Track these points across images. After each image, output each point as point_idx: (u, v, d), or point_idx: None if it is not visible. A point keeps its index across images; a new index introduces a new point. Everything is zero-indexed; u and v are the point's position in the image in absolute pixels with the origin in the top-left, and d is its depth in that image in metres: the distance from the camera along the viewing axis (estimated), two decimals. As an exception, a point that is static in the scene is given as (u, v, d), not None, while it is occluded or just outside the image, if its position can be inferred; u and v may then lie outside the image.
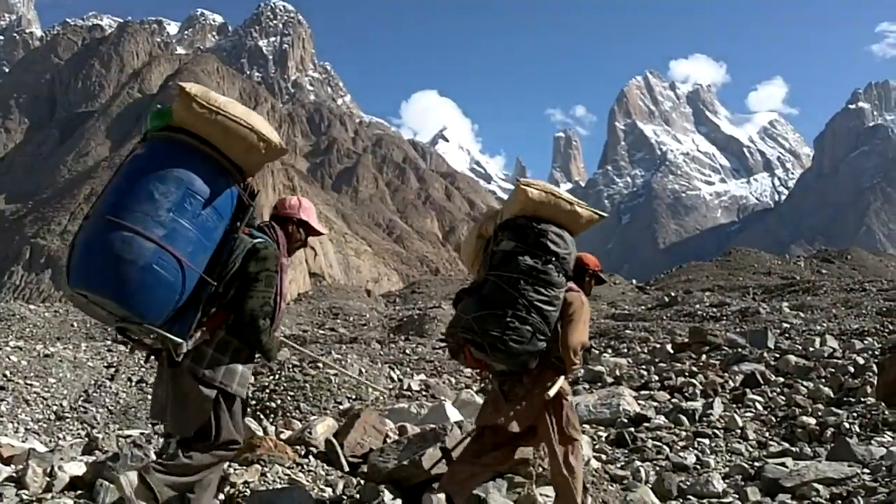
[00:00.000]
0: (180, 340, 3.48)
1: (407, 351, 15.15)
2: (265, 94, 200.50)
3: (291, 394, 9.71)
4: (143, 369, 11.98)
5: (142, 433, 6.99)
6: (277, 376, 10.47)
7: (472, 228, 4.80)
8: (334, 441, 5.61)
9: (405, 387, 10.46)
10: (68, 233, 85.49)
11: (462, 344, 4.37)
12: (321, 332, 20.50)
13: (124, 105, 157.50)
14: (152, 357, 3.77)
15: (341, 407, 9.10)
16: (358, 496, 4.76)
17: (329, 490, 4.92)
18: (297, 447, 5.58)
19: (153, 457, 5.10)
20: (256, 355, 3.88)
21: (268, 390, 9.93)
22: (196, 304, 3.50)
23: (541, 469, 5.40)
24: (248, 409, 9.36)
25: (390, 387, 10.62)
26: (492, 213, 4.73)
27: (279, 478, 4.95)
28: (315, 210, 4.22)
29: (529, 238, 4.29)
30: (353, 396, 9.78)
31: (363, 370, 10.80)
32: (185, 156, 3.52)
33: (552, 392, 4.26)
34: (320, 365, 10.63)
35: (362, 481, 5.06)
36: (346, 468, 5.40)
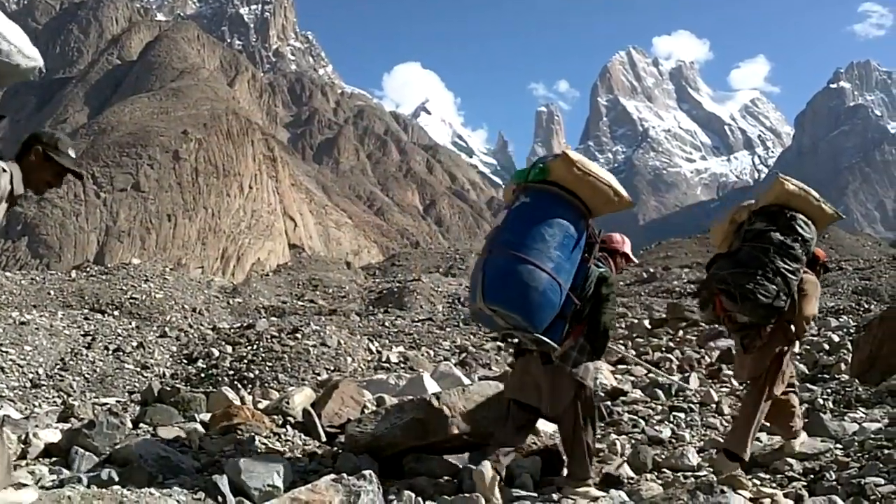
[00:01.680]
0: (556, 346, 4.53)
1: (386, 323, 15.15)
2: (246, 62, 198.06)
3: (270, 364, 9.69)
4: (119, 338, 11.91)
5: (118, 401, 6.98)
6: (256, 347, 10.45)
7: (725, 214, 5.70)
8: (312, 411, 5.60)
9: (384, 359, 10.47)
10: (46, 200, 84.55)
11: (715, 294, 5.24)
12: (300, 303, 20.47)
13: (103, 71, 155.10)
14: (519, 356, 4.94)
15: (319, 378, 9.09)
16: (335, 466, 4.77)
17: (306, 460, 4.92)
18: (275, 417, 5.57)
19: (129, 425, 5.08)
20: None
21: (246, 360, 9.91)
22: (564, 318, 4.54)
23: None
24: (226, 379, 9.37)
25: (369, 359, 10.62)
26: (744, 203, 5.61)
27: (256, 447, 4.94)
28: (628, 244, 5.26)
29: (780, 221, 5.15)
30: (332, 368, 9.78)
31: (342, 342, 10.77)
32: (564, 206, 4.62)
33: (796, 349, 5.30)
34: (299, 336, 10.61)
35: (339, 451, 5.06)
36: (324, 438, 5.40)
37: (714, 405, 7.35)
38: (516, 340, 4.80)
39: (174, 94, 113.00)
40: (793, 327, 5.17)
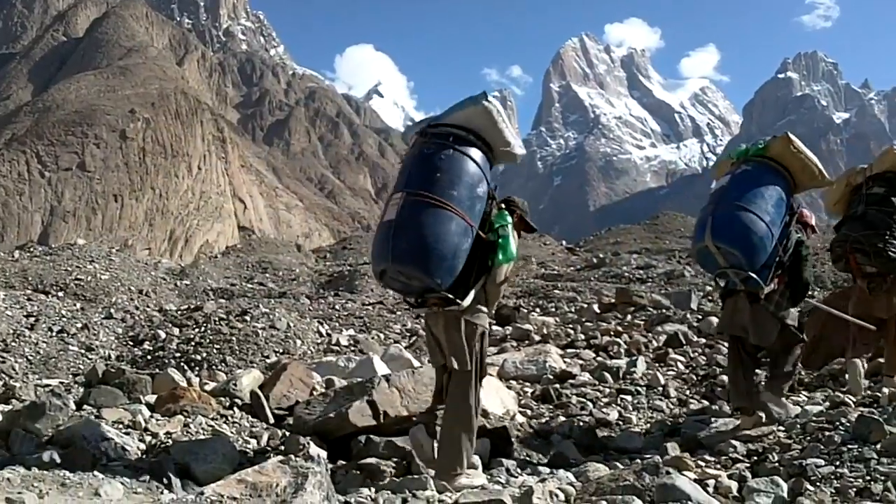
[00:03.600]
0: (763, 286, 5.42)
1: (336, 306, 15.06)
2: (195, 41, 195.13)
3: (217, 347, 9.57)
4: (63, 319, 11.68)
5: (61, 383, 6.83)
6: (203, 329, 10.31)
7: (840, 178, 6.70)
8: (259, 393, 5.56)
9: (333, 342, 10.41)
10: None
11: (849, 252, 6.34)
12: (249, 286, 20.25)
13: (48, 48, 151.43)
14: (727, 297, 5.82)
15: (268, 361, 9.02)
16: (282, 448, 4.73)
17: (253, 441, 4.88)
18: (222, 399, 5.51)
19: (73, 407, 4.98)
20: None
21: (193, 343, 9.78)
22: (769, 267, 5.42)
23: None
24: (173, 361, 9.24)
25: (318, 342, 10.55)
26: (858, 168, 6.66)
27: (202, 429, 4.88)
28: (813, 218, 6.13)
29: None
30: (281, 350, 9.70)
31: (291, 325, 10.69)
32: (778, 176, 5.56)
33: None
34: (247, 318, 10.51)
35: (287, 433, 5.03)
36: (272, 420, 5.36)
37: (661, 388, 7.44)
38: (723, 283, 5.74)
39: (121, 73, 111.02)
40: None
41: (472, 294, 4.38)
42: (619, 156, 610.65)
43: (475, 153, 4.42)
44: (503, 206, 4.65)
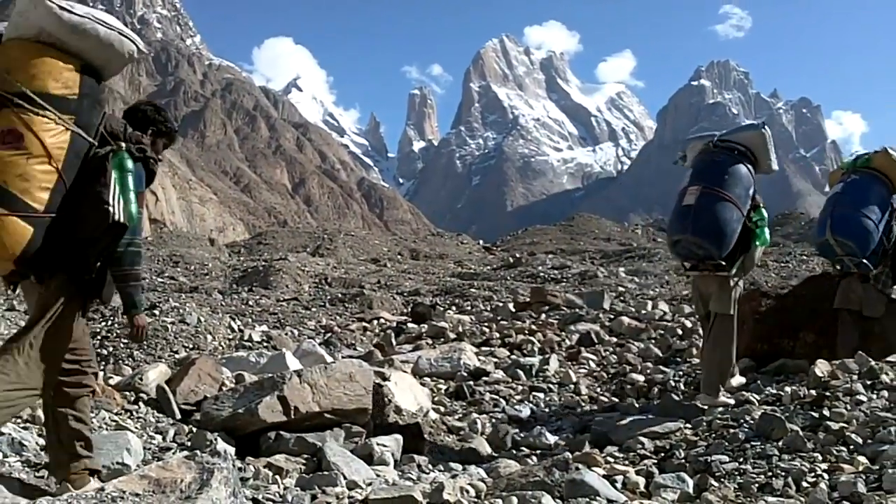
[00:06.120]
0: (872, 269, 6.62)
1: (250, 302, 14.81)
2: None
3: (125, 341, 9.30)
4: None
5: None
6: (110, 323, 10.01)
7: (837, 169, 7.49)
8: (166, 388, 5.41)
9: (246, 337, 10.23)
10: None
11: None
12: (160, 280, 19.75)
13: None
14: (843, 278, 6.85)
15: (178, 356, 8.80)
16: (189, 444, 4.62)
17: (159, 437, 4.74)
18: (127, 394, 5.35)
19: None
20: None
21: (99, 337, 9.48)
22: (876, 254, 6.62)
23: (378, 419, 5.42)
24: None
25: (230, 337, 10.36)
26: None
27: (106, 424, 4.73)
28: None
29: None
30: (191, 346, 9.48)
31: (202, 319, 10.46)
32: (882, 184, 6.70)
33: None
34: (156, 312, 10.25)
35: (195, 429, 4.91)
36: (178, 416, 5.23)
37: (572, 385, 7.54)
38: (839, 267, 6.86)
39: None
40: None
41: (736, 264, 6.12)
42: (536, 157, 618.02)
43: (749, 164, 6.15)
44: (760, 203, 6.29)
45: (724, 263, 6.04)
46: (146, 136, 3.83)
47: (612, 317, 10.90)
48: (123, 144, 3.58)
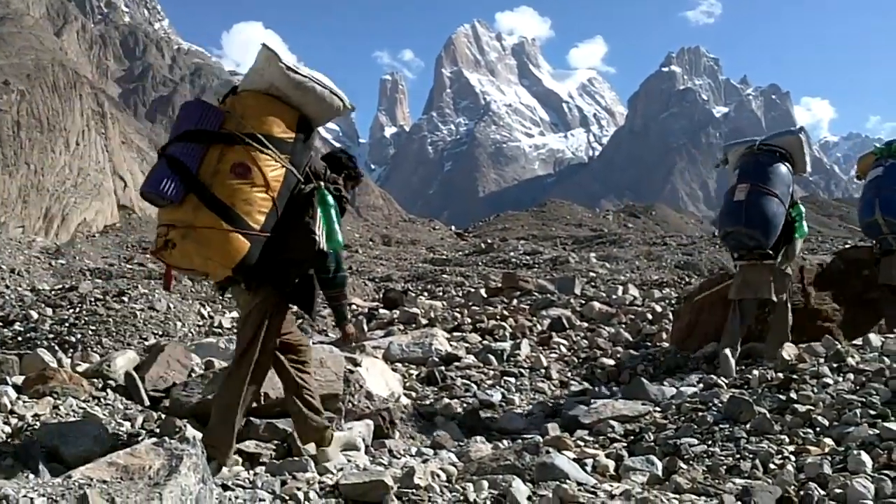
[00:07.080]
0: None
1: (220, 288, 14.71)
2: (75, 11, 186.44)
3: (93, 328, 9.19)
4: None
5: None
6: (79, 310, 9.90)
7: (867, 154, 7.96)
8: (134, 374, 5.35)
9: (216, 324, 10.17)
10: None
11: None
12: (129, 266, 19.59)
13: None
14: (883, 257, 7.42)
15: (147, 343, 8.73)
16: (157, 431, 4.58)
17: (127, 424, 4.69)
18: (95, 380, 5.28)
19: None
20: None
21: (68, 324, 9.37)
22: None
23: (350, 405, 5.41)
24: (46, 343, 8.85)
25: (200, 324, 10.29)
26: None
27: (73, 411, 4.67)
28: None
29: None
30: (160, 332, 9.40)
31: (172, 306, 10.38)
32: None
33: None
34: (125, 299, 10.16)
35: (163, 416, 4.87)
36: (147, 402, 5.18)
37: (543, 370, 7.57)
38: (879, 246, 7.39)
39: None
40: None
41: (781, 253, 6.79)
42: (508, 143, 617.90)
43: (788, 165, 6.77)
44: (797, 200, 6.90)
45: (770, 253, 6.69)
46: (340, 178, 4.52)
47: (583, 302, 10.96)
48: (323, 183, 4.22)
